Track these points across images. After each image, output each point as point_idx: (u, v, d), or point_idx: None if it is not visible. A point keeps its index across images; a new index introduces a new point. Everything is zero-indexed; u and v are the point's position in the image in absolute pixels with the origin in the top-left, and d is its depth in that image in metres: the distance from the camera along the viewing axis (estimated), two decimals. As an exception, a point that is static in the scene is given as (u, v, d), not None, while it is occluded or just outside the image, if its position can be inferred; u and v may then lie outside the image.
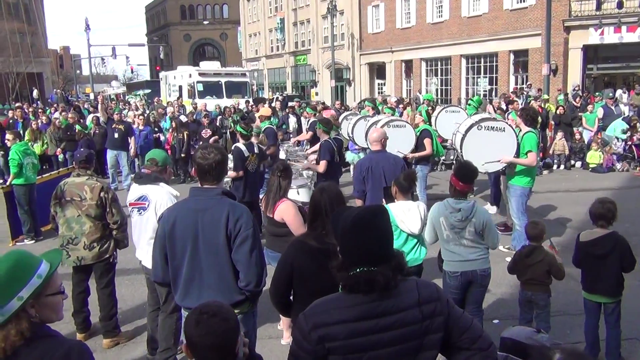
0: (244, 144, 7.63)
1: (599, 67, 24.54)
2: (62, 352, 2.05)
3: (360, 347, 2.08)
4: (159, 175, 4.62)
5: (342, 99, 34.06)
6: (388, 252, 2.13)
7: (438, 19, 30.94)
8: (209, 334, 2.02)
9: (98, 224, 5.20)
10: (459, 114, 11.62)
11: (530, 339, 2.39)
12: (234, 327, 2.10)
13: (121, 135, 13.34)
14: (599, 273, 4.57)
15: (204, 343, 2.03)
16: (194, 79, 28.40)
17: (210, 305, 2.13)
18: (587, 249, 4.61)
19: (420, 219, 4.70)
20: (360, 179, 6.15)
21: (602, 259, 4.53)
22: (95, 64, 59.28)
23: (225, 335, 2.05)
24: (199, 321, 2.04)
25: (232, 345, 2.09)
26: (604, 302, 4.64)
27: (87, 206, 5.15)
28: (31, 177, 9.08)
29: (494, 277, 5.18)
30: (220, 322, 2.04)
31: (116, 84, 54.42)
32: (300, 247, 3.24)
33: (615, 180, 12.84)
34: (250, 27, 54.57)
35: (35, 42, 40.19)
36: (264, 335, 5.26)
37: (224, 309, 2.12)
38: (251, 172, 7.61)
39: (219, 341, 2.04)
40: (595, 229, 4.63)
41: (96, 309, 5.44)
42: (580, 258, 4.69)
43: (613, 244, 4.53)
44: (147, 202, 4.51)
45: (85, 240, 5.16)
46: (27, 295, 2.04)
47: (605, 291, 4.59)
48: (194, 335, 2.05)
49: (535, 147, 7.32)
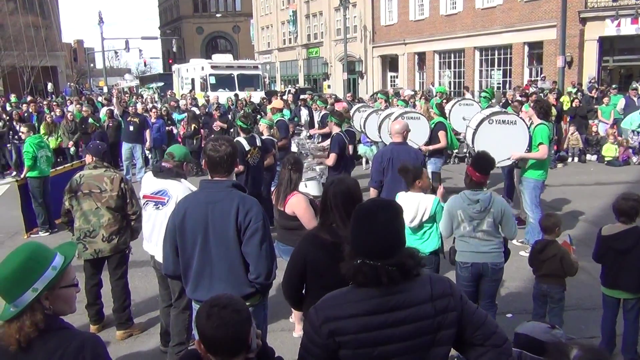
0: (245, 138, 7.59)
1: (615, 59, 24.18)
2: (76, 344, 2.06)
3: (371, 342, 2.06)
4: (179, 170, 4.60)
5: (355, 92, 33.95)
6: (393, 247, 2.10)
7: (452, 10, 30.66)
8: (221, 326, 2.00)
9: (117, 216, 5.21)
10: (473, 107, 11.52)
11: (546, 334, 2.35)
12: (246, 318, 2.07)
13: (136, 128, 13.45)
14: (620, 268, 4.49)
15: (216, 336, 2.01)
16: (206, 71, 28.43)
17: (221, 297, 2.11)
18: (609, 244, 4.53)
19: (415, 213, 4.76)
20: (380, 169, 6.12)
21: (625, 253, 4.46)
22: (109, 57, 59.83)
23: (238, 326, 2.02)
24: (210, 314, 2.02)
25: (245, 337, 2.07)
26: (624, 298, 4.57)
27: (107, 197, 5.15)
28: (45, 169, 9.15)
29: (508, 271, 5.14)
30: (231, 313, 2.02)
31: (129, 77, 54.71)
32: (313, 240, 3.21)
33: (630, 174, 12.68)
34: (262, 20, 54.51)
35: (49, 36, 40.51)
36: (275, 327, 5.27)
37: (234, 301, 2.10)
38: (252, 166, 7.57)
39: (232, 333, 2.01)
40: (617, 223, 4.56)
41: (109, 300, 5.47)
42: (601, 253, 4.62)
43: (636, 238, 4.45)
44: (167, 197, 4.43)
45: (104, 232, 5.18)
46: (42, 287, 2.05)
47: (626, 287, 4.51)
48: (206, 328, 2.02)
49: (547, 139, 7.23)
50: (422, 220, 4.84)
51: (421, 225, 4.86)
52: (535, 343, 2.36)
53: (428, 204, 4.82)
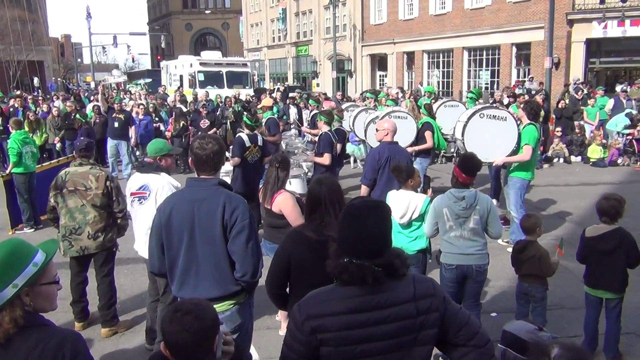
0: (247, 134, 7.60)
1: (601, 61, 24.41)
2: (56, 341, 2.05)
3: (352, 340, 2.08)
4: (159, 164, 4.59)
5: (344, 91, 33.96)
6: (380, 247, 2.11)
7: (441, 10, 30.78)
8: (182, 331, 2.00)
9: (103, 213, 5.19)
10: (458, 108, 11.60)
11: (531, 334, 2.38)
12: (210, 326, 2.07)
13: (121, 124, 13.35)
14: (604, 269, 4.55)
15: (177, 341, 2.02)
16: (195, 68, 28.30)
17: (186, 302, 2.11)
18: (593, 244, 4.59)
19: (405, 209, 4.81)
20: (375, 168, 6.06)
21: (609, 254, 4.52)
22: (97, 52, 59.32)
23: (199, 333, 2.02)
24: (173, 319, 2.03)
25: (208, 344, 2.07)
26: (606, 298, 4.63)
27: (92, 195, 5.12)
28: (30, 165, 9.07)
29: (493, 270, 5.19)
30: (193, 320, 2.01)
31: (117, 73, 54.17)
32: (298, 238, 3.23)
33: (615, 175, 12.83)
34: (252, 17, 54.35)
35: (36, 30, 40.04)
36: (261, 326, 5.28)
37: (200, 307, 2.09)
38: (250, 163, 7.56)
39: (192, 339, 2.01)
40: (600, 224, 4.62)
41: (95, 298, 5.44)
42: (585, 254, 4.67)
43: (619, 239, 4.52)
44: (147, 191, 4.47)
45: (90, 229, 5.15)
46: (22, 283, 2.05)
47: (610, 287, 4.58)
48: (168, 332, 2.03)
49: (533, 141, 7.28)
50: (411, 218, 4.88)
51: (410, 223, 4.90)
52: (518, 342, 2.39)
53: (419, 203, 4.87)
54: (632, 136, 14.29)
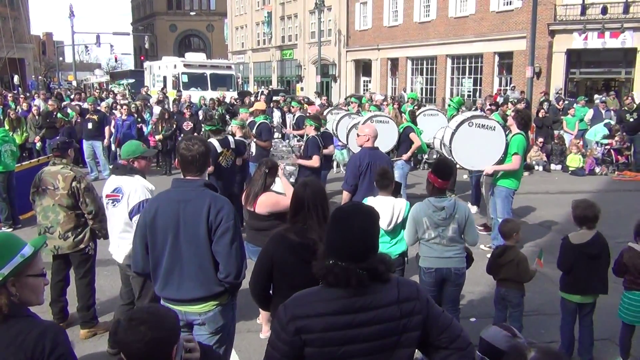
0: (217, 140, 7.53)
1: (581, 72, 24.86)
2: (37, 332, 2.08)
3: (336, 341, 2.10)
4: (133, 166, 4.56)
5: (328, 95, 34.07)
6: (366, 251, 2.14)
7: (425, 18, 31.08)
8: (136, 341, 1.94)
9: (71, 214, 5.14)
10: (438, 117, 11.70)
11: (506, 341, 2.41)
12: (166, 335, 2.01)
13: (95, 125, 13.20)
14: (592, 273, 4.63)
15: (130, 351, 1.97)
16: (178, 70, 28.15)
17: (142, 311, 2.07)
18: (582, 250, 4.63)
19: (391, 216, 4.81)
20: (357, 173, 6.04)
21: (596, 259, 4.61)
22: (79, 51, 58.72)
23: (153, 344, 1.95)
24: (127, 327, 1.97)
25: (165, 354, 2.01)
26: (582, 303, 4.72)
27: (59, 195, 5.09)
28: (10, 164, 8.94)
29: (473, 276, 5.25)
30: (147, 330, 1.95)
31: (99, 73, 53.61)
32: (281, 240, 3.24)
33: (594, 184, 13.04)
34: (237, 20, 54.28)
35: (17, 27, 39.44)
36: (242, 329, 5.27)
37: (157, 317, 2.03)
38: (225, 168, 7.50)
39: (147, 349, 1.94)
40: (582, 230, 4.70)
41: (74, 299, 5.40)
42: (572, 261, 4.68)
43: (603, 243, 4.65)
44: (120, 194, 4.40)
45: (60, 229, 5.13)
46: (8, 272, 2.09)
47: (598, 290, 4.67)
48: (122, 340, 1.98)
49: (522, 150, 7.35)
50: (396, 223, 4.88)
51: (395, 228, 4.91)
52: (495, 350, 2.42)
53: (402, 208, 4.88)
54: (610, 146, 14.55)
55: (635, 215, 5.74)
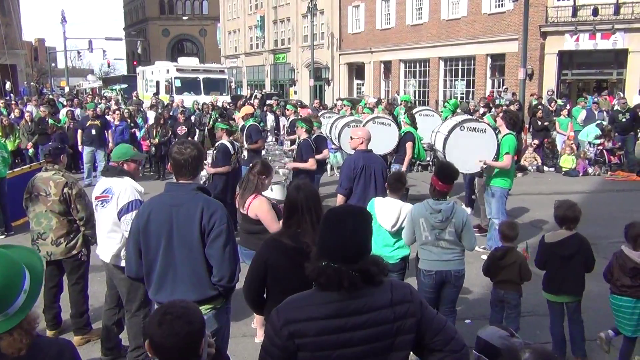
0: (229, 141, 7.60)
1: (573, 73, 24.99)
2: (56, 350, 2.09)
3: (329, 345, 2.09)
4: (122, 169, 4.56)
5: (321, 99, 34.11)
6: (358, 253, 2.13)
7: (418, 21, 31.19)
8: (172, 335, 1.97)
9: (63, 220, 5.12)
10: (434, 117, 11.72)
11: (503, 340, 2.41)
12: (199, 329, 2.05)
13: (98, 131, 13.14)
14: (565, 274, 4.66)
15: (165, 344, 1.99)
16: (171, 74, 28.13)
17: (176, 305, 2.08)
18: (553, 250, 4.69)
19: (396, 218, 4.82)
20: (351, 177, 6.00)
21: (568, 259, 4.63)
22: (71, 57, 58.41)
23: (188, 337, 2.00)
24: (162, 322, 1.99)
25: (196, 347, 2.05)
26: (566, 302, 4.75)
27: (51, 202, 5.07)
28: (2, 171, 8.89)
29: (469, 277, 5.25)
30: (183, 324, 1.99)
31: (92, 78, 53.49)
32: (274, 245, 3.24)
33: (586, 184, 13.09)
34: (229, 24, 54.28)
35: (9, 34, 39.30)
36: (237, 333, 5.25)
37: (189, 311, 2.06)
38: (233, 169, 7.61)
39: (182, 343, 1.99)
40: (559, 230, 4.73)
41: (67, 306, 5.36)
42: (545, 259, 4.77)
43: (579, 244, 4.65)
44: (110, 194, 4.41)
45: (53, 235, 5.10)
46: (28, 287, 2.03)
47: (571, 291, 4.69)
48: (156, 335, 2.00)
49: (513, 149, 7.45)
50: (401, 226, 4.88)
51: (399, 230, 4.92)
52: (491, 348, 2.43)
53: (404, 209, 4.89)
54: (602, 146, 14.62)
55: (628, 216, 5.77)
